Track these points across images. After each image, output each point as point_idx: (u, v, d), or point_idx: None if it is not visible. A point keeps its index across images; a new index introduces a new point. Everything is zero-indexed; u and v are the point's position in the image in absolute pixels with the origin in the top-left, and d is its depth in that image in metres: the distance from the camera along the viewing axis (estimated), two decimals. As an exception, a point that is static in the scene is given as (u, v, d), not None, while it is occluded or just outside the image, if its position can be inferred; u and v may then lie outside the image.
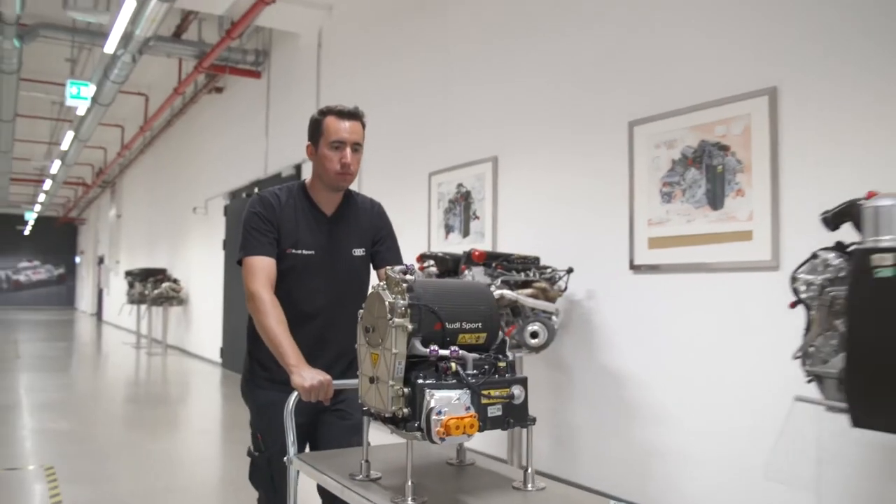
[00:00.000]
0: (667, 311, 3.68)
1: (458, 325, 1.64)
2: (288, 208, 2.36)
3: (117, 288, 18.34)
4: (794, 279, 2.19)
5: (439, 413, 1.48)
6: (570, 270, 4.03)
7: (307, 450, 2.37)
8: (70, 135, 11.88)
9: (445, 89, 5.56)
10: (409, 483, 1.56)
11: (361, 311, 1.72)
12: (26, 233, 29.99)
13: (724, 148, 3.41)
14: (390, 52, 6.38)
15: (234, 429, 6.38)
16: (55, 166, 15.28)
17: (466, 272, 3.75)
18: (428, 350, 1.57)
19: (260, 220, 2.31)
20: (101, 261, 24.08)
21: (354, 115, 2.34)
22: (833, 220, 2.14)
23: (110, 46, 7.22)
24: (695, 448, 3.50)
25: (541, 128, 4.57)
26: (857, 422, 1.90)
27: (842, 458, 2.89)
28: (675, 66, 3.70)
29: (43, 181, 19.40)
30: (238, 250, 2.33)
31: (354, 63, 7.00)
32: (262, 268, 2.25)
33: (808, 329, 2.16)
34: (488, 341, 1.70)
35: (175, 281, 12.88)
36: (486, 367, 1.62)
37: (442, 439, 1.47)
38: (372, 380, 1.64)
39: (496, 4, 5.05)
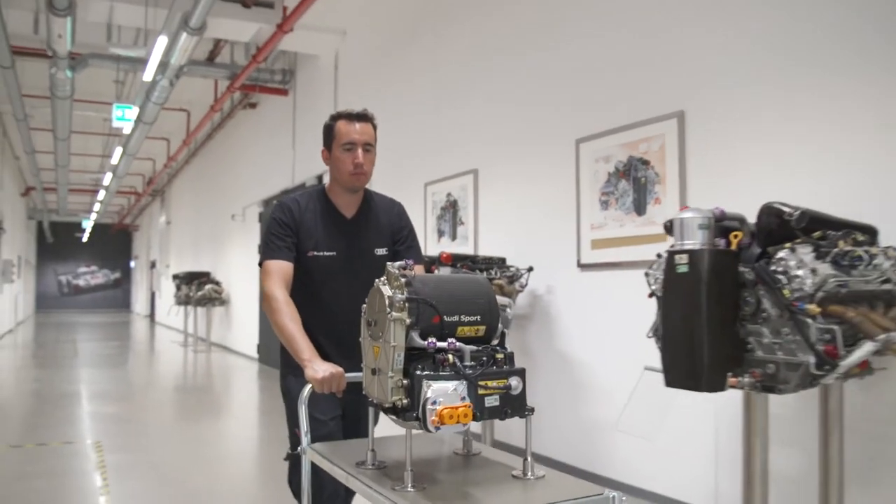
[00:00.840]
0: (607, 302, 4.30)
1: (456, 318, 1.70)
2: (308, 213, 2.47)
3: (167, 290, 19.48)
4: (646, 275, 2.81)
5: (434, 403, 1.53)
6: (530, 269, 4.66)
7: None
8: (119, 150, 12.92)
9: (437, 108, 6.25)
10: (409, 470, 1.63)
11: (365, 305, 1.80)
12: (84, 239, 31.61)
13: (645, 162, 4.02)
14: (393, 73, 7.10)
15: (268, 413, 7.18)
16: (107, 178, 16.42)
17: (436, 271, 4.42)
18: (426, 342, 1.63)
19: (279, 225, 2.44)
20: (153, 265, 25.40)
21: (364, 116, 2.46)
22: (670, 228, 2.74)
23: (148, 74, 8.09)
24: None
25: (509, 143, 5.22)
26: (669, 382, 2.51)
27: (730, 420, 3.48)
28: (611, 90, 4.31)
29: (97, 191, 20.66)
30: (261, 253, 2.49)
31: (365, 82, 7.76)
32: (278, 270, 2.37)
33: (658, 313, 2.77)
34: (488, 334, 1.76)
35: (217, 283, 13.83)
36: (485, 358, 1.67)
37: (437, 428, 1.52)
38: (374, 371, 1.70)
39: (477, 32, 5.71)
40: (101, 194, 19.82)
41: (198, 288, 13.61)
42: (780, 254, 2.30)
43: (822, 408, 2.82)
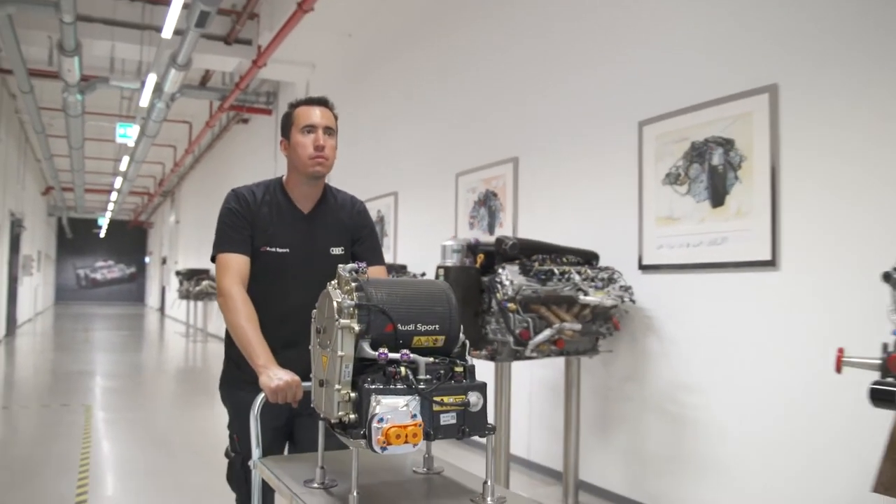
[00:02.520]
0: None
1: (412, 326, 1.56)
2: (263, 205, 2.29)
3: (175, 285, 20.95)
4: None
5: (381, 420, 1.41)
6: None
7: (286, 452, 2.36)
8: (126, 159, 14.37)
9: (393, 127, 7.56)
10: (354, 494, 1.50)
11: (315, 311, 1.68)
12: (102, 235, 33.27)
13: (495, 194, 5.29)
14: (358, 100, 8.34)
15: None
16: (118, 182, 17.91)
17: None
18: (377, 353, 1.50)
19: (234, 215, 2.25)
20: (164, 261, 26.94)
21: (324, 101, 2.32)
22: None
23: (144, 101, 9.48)
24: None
25: (426, 170, 6.51)
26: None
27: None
28: (476, 139, 5.60)
29: (111, 192, 22.20)
30: (213, 246, 2.27)
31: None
32: (234, 265, 2.19)
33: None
34: (447, 344, 1.62)
35: (214, 279, 15.21)
36: (442, 371, 1.54)
37: (383, 448, 1.40)
38: (321, 383, 1.58)
39: (419, 66, 7.01)
40: (114, 195, 21.35)
41: (196, 283, 15.02)
42: (499, 270, 3.58)
43: (566, 376, 4.10)
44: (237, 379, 2.29)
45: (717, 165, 3.53)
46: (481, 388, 1.56)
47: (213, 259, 2.27)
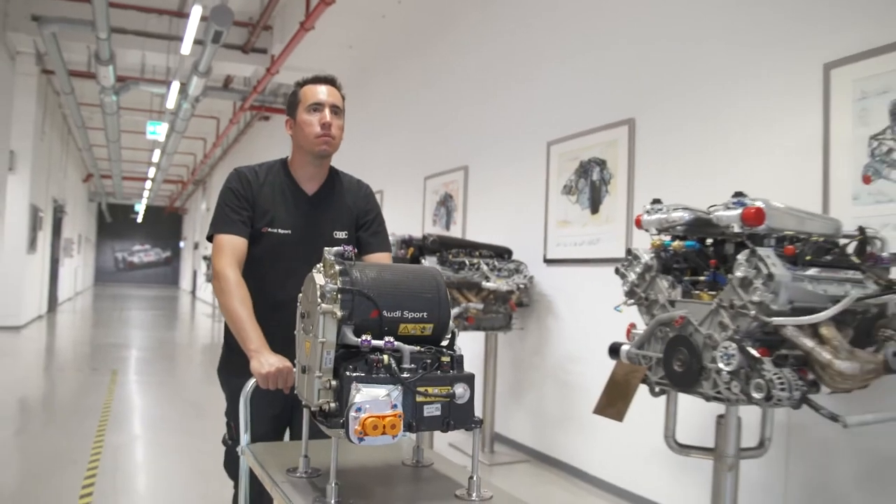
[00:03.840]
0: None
1: (398, 313, 1.50)
2: (266, 185, 2.24)
3: (204, 269, 22.25)
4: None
5: (359, 410, 1.35)
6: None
7: (286, 440, 2.31)
8: (157, 152, 15.60)
9: (391, 126, 8.54)
10: (333, 484, 1.46)
11: (300, 294, 1.63)
12: (139, 220, 34.85)
13: (451, 197, 6.24)
14: (365, 103, 9.34)
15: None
16: (152, 171, 19.20)
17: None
18: (360, 340, 1.44)
19: (234, 196, 2.20)
20: (196, 246, 28.31)
21: (331, 80, 2.27)
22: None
23: (170, 103, 10.60)
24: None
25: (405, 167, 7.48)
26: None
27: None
28: (420, 148, 6.54)
29: (146, 180, 23.57)
30: (210, 225, 2.22)
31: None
32: (231, 246, 2.14)
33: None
34: (436, 333, 1.55)
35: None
36: (428, 361, 1.47)
37: (360, 439, 1.34)
38: (304, 369, 1.54)
39: (407, 76, 7.98)
40: (148, 184, 22.71)
41: (220, 268, 16.18)
42: (422, 260, 4.53)
43: (485, 348, 5.04)
44: (234, 364, 2.18)
45: (595, 181, 4.44)
46: (468, 379, 1.49)
47: (209, 239, 2.21)
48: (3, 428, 5.25)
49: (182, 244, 36.71)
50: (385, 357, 1.44)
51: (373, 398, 1.38)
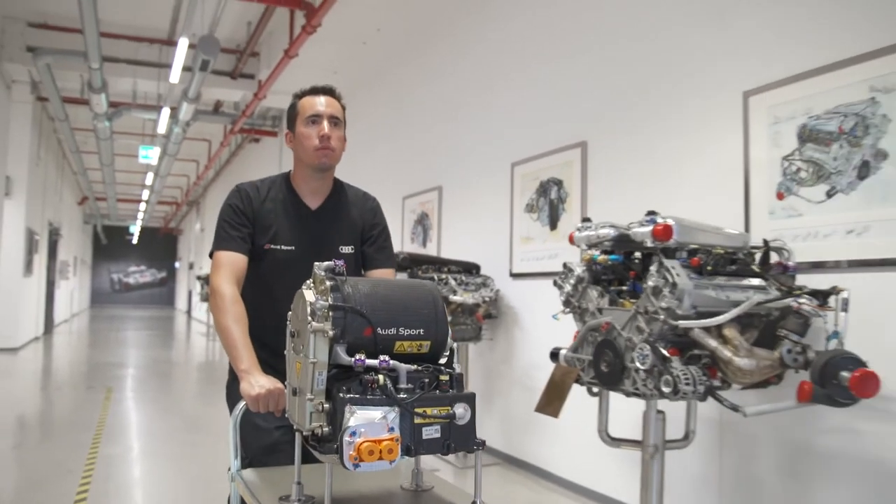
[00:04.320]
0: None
1: (392, 330, 1.43)
2: (268, 201, 2.21)
3: (198, 289, 22.53)
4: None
5: (354, 434, 1.27)
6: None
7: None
8: (151, 175, 15.94)
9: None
10: None
11: (290, 312, 1.56)
12: (134, 242, 35.13)
13: (427, 216, 6.57)
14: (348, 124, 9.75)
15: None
16: (145, 194, 19.54)
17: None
18: (353, 360, 1.36)
19: (234, 212, 2.17)
20: (191, 266, 28.60)
21: (329, 90, 2.24)
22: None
23: (162, 128, 10.95)
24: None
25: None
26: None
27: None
28: (403, 172, 6.88)
29: (140, 202, 23.91)
30: (212, 244, 2.18)
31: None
32: (229, 263, 2.09)
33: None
34: (433, 350, 1.48)
35: (230, 283, 16.68)
36: (426, 380, 1.40)
37: (355, 465, 1.26)
38: (294, 391, 1.46)
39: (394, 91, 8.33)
40: (143, 206, 23.05)
41: (213, 287, 16.48)
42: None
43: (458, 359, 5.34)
44: (236, 383, 2.04)
45: (553, 199, 4.77)
46: (469, 398, 1.42)
47: (210, 255, 2.18)
48: (1, 442, 5.53)
49: (177, 265, 36.97)
50: (380, 377, 1.35)
51: (368, 421, 1.29)
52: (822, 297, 2.66)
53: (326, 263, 1.48)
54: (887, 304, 2.81)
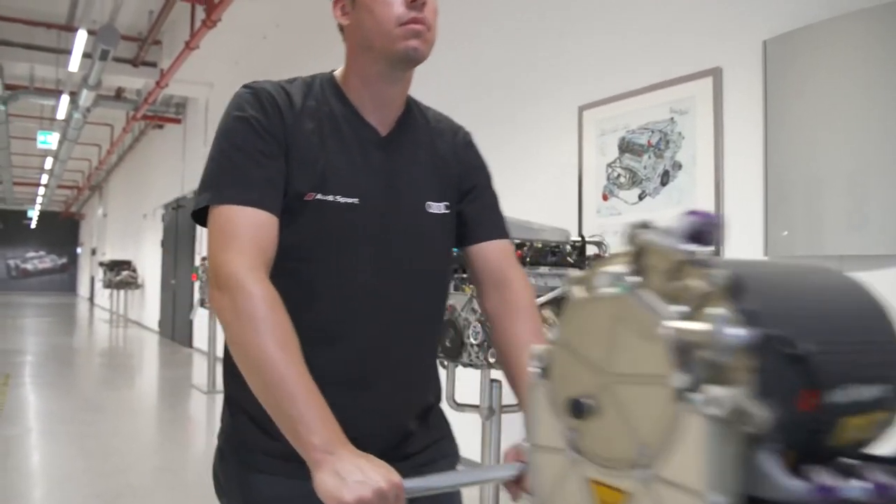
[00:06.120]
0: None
1: (841, 393, 0.59)
2: (306, 115, 1.19)
3: (101, 275, 22.11)
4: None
5: None
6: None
7: None
8: (50, 160, 15.65)
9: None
10: None
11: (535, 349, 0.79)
12: (33, 226, 33.81)
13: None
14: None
15: (139, 368, 9.97)
16: (45, 178, 19.04)
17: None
18: (805, 485, 0.56)
19: (253, 133, 1.14)
20: (93, 252, 27.88)
21: None
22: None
23: (61, 114, 10.88)
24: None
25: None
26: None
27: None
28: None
29: (39, 186, 23.18)
30: (200, 189, 1.14)
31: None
32: (249, 229, 1.08)
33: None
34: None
35: (134, 270, 16.57)
36: None
37: None
38: None
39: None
40: (42, 190, 22.37)
41: (117, 273, 16.34)
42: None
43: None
44: (257, 450, 1.17)
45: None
46: None
47: (193, 215, 1.16)
48: None
49: (79, 250, 35.80)
50: None
51: None
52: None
53: (665, 223, 0.66)
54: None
